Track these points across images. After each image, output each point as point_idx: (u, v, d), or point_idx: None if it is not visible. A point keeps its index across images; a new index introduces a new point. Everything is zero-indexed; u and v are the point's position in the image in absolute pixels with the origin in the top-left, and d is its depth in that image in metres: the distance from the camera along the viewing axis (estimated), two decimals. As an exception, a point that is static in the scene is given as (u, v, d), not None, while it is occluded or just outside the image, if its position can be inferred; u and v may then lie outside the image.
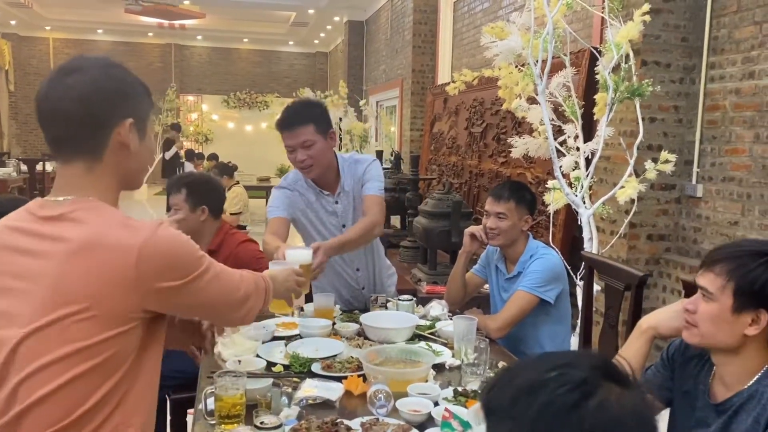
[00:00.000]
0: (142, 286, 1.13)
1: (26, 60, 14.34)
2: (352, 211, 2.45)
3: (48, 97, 1.18)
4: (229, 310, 1.32)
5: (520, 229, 2.41)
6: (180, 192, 2.47)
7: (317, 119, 2.27)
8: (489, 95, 5.55)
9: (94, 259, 1.11)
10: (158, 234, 1.16)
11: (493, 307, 2.60)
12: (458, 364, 1.87)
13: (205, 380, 1.70)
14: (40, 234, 1.15)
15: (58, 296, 1.11)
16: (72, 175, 1.20)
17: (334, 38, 13.98)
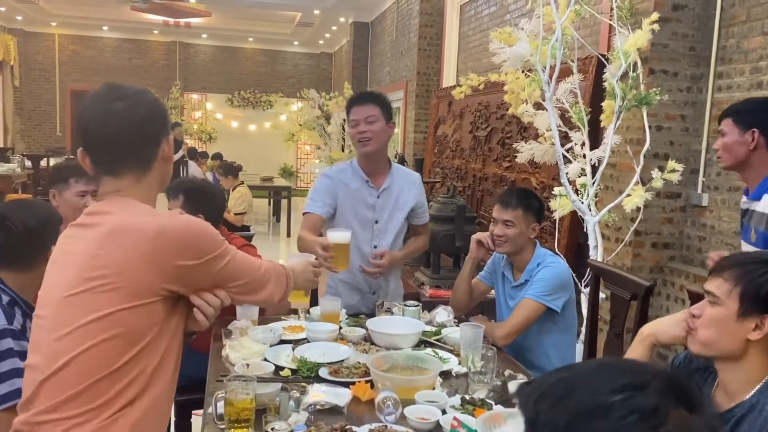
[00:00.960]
0: (160, 262, 1.28)
1: (31, 56, 14.35)
2: (388, 212, 2.58)
3: (106, 121, 1.33)
4: (251, 290, 1.46)
5: (527, 237, 2.41)
6: (177, 198, 2.46)
7: (383, 105, 2.54)
8: (494, 99, 5.56)
9: (120, 239, 1.28)
10: (178, 217, 1.35)
11: (499, 314, 2.60)
12: (465, 371, 1.87)
13: (214, 383, 1.71)
14: (83, 224, 1.37)
15: (87, 270, 1.27)
16: (123, 185, 1.38)
17: (339, 39, 13.98)
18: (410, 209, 2.64)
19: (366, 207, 2.56)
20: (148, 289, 1.28)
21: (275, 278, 1.53)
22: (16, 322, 1.69)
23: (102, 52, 14.70)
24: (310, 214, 2.53)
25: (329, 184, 2.56)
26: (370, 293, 2.61)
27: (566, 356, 2.45)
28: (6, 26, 13.69)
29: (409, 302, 2.34)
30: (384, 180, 2.59)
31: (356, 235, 2.55)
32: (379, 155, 2.56)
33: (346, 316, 2.37)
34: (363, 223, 2.56)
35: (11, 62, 13.47)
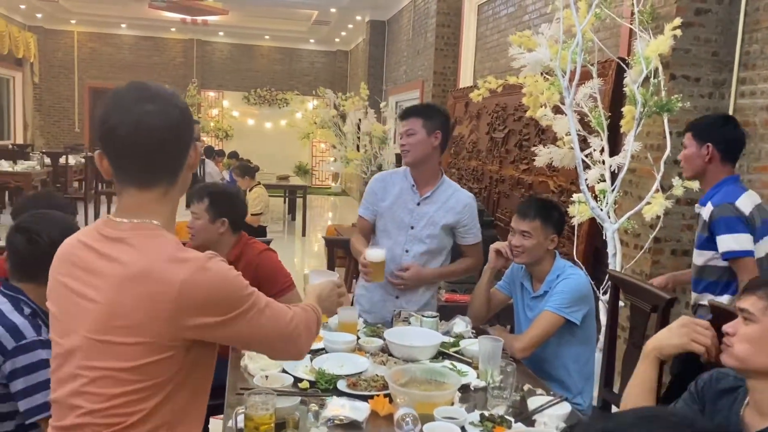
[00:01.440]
0: (181, 320, 1.18)
1: (51, 53, 14.50)
2: (425, 221, 2.59)
3: (139, 126, 1.19)
4: (279, 347, 1.35)
5: (545, 248, 2.39)
6: (202, 201, 2.50)
7: (427, 116, 2.58)
8: (512, 101, 5.53)
9: (142, 289, 1.18)
10: (203, 269, 1.19)
11: (517, 325, 2.58)
12: (484, 385, 1.86)
13: (234, 396, 1.72)
14: (102, 253, 1.23)
15: (111, 318, 1.19)
16: (149, 200, 1.26)
17: (355, 37, 13.98)
18: (450, 225, 2.62)
19: (405, 211, 2.61)
20: (171, 342, 1.20)
21: (306, 329, 1.39)
22: (44, 333, 1.71)
23: (120, 49, 14.81)
24: (361, 218, 2.73)
25: (376, 187, 2.69)
26: (393, 297, 2.62)
27: (585, 368, 2.42)
28: (26, 24, 13.83)
29: (426, 313, 2.33)
30: (429, 189, 2.62)
31: (390, 235, 2.61)
32: (423, 166, 2.60)
33: (363, 325, 2.38)
34: (399, 226, 2.61)
35: (31, 59, 13.62)
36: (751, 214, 2.40)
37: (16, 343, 1.67)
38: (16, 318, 1.72)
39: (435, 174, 2.65)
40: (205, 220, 2.51)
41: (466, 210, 2.65)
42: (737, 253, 2.36)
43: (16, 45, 12.64)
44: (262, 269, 2.52)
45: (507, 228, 5.22)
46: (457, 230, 2.66)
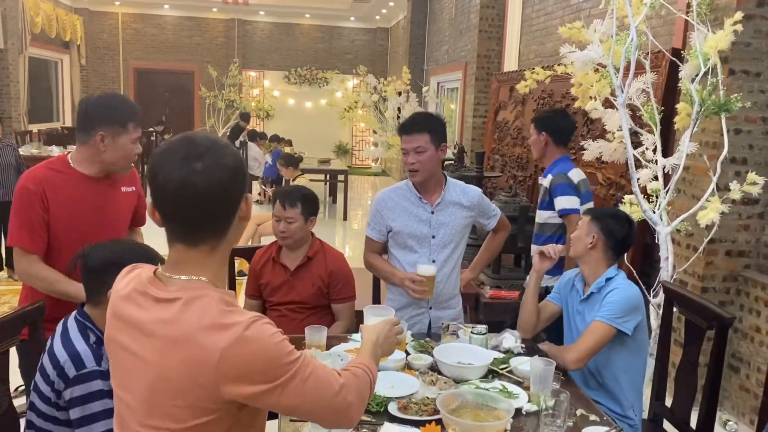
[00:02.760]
0: (222, 388, 1.16)
1: (96, 34, 14.74)
2: (444, 227, 2.60)
3: (183, 183, 1.18)
4: (326, 417, 1.29)
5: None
6: (296, 206, 2.71)
7: (434, 130, 2.54)
8: (559, 87, 5.39)
9: (185, 354, 1.16)
10: (244, 338, 1.15)
11: (567, 331, 2.55)
12: (535, 410, 1.85)
13: (287, 422, 1.74)
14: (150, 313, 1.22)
15: (159, 380, 1.19)
16: (196, 257, 1.24)
17: (396, 14, 13.81)
18: (469, 222, 2.68)
19: (420, 223, 2.60)
20: (215, 405, 1.18)
21: (357, 397, 1.31)
22: (104, 362, 1.75)
23: (163, 30, 14.96)
24: (369, 239, 2.72)
25: (379, 208, 2.67)
26: (427, 308, 2.66)
27: (636, 380, 2.38)
28: (72, 6, 14.07)
29: (475, 328, 2.32)
30: (437, 196, 2.60)
31: (413, 249, 2.62)
32: (432, 179, 2.59)
33: (411, 339, 2.37)
34: (420, 240, 2.61)
35: (78, 42, 13.89)
36: (578, 183, 3.26)
37: (77, 372, 1.72)
38: (80, 345, 1.76)
39: (440, 180, 2.63)
40: (300, 222, 2.72)
41: (477, 204, 2.67)
42: (568, 211, 3.15)
43: (64, 28, 12.89)
44: (341, 271, 2.76)
45: (552, 219, 5.14)
46: (479, 222, 2.73)
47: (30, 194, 2.12)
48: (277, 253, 2.82)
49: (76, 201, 2.20)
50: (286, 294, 2.74)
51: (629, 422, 2.34)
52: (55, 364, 1.74)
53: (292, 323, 2.65)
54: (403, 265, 2.62)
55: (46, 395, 1.76)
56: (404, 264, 2.61)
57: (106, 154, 2.16)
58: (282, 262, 2.78)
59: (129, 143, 2.18)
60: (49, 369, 1.76)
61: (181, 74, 15.04)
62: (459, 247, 2.67)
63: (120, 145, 2.16)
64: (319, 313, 2.74)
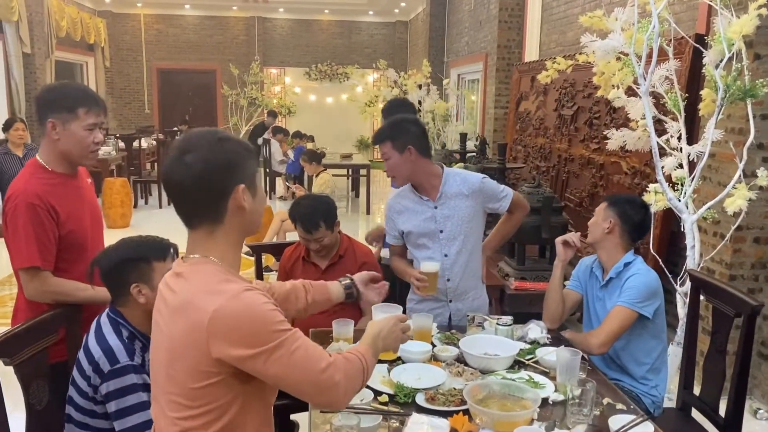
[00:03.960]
0: (214, 348, 1.26)
1: (120, 36, 14.94)
2: (451, 220, 2.60)
3: (171, 176, 1.34)
4: (311, 393, 1.34)
5: (602, 229, 2.46)
6: (319, 227, 2.78)
7: (395, 137, 2.55)
8: (581, 76, 5.35)
9: (185, 318, 1.29)
10: (236, 300, 1.26)
11: (587, 320, 2.57)
12: (562, 399, 1.86)
13: (317, 413, 1.78)
14: (170, 286, 1.38)
15: (169, 346, 1.33)
16: (198, 238, 1.39)
17: (415, 7, 13.77)
18: (477, 208, 2.63)
19: (426, 221, 2.61)
20: (214, 368, 1.27)
21: (345, 379, 1.36)
22: (137, 357, 1.81)
23: (185, 30, 15.11)
24: (391, 246, 2.82)
25: (390, 214, 2.74)
26: (446, 302, 2.67)
27: (657, 362, 2.42)
28: (96, 9, 14.28)
29: (501, 320, 2.33)
30: (437, 190, 2.61)
31: (426, 246, 2.63)
32: (417, 177, 2.60)
33: (437, 331, 2.40)
34: (429, 237, 2.62)
35: (102, 44, 14.09)
36: None
37: (111, 367, 1.78)
38: (113, 340, 1.83)
39: (434, 174, 2.62)
40: (328, 235, 2.82)
41: (479, 190, 2.62)
42: None
43: (88, 31, 13.10)
44: (369, 266, 2.78)
45: (576, 209, 5.13)
46: (489, 206, 2.68)
47: (38, 210, 2.04)
48: (307, 253, 2.86)
49: (73, 204, 2.16)
50: None
51: (653, 398, 2.38)
52: (91, 359, 1.80)
53: (322, 317, 2.69)
54: (420, 263, 2.62)
55: (83, 390, 1.83)
56: (422, 261, 2.60)
57: (60, 143, 2.10)
58: (313, 261, 2.84)
59: (81, 130, 2.10)
60: (85, 364, 1.82)
61: (204, 73, 15.19)
62: (471, 237, 2.64)
63: (71, 131, 2.09)
64: (348, 308, 2.78)
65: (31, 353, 1.91)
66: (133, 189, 8.82)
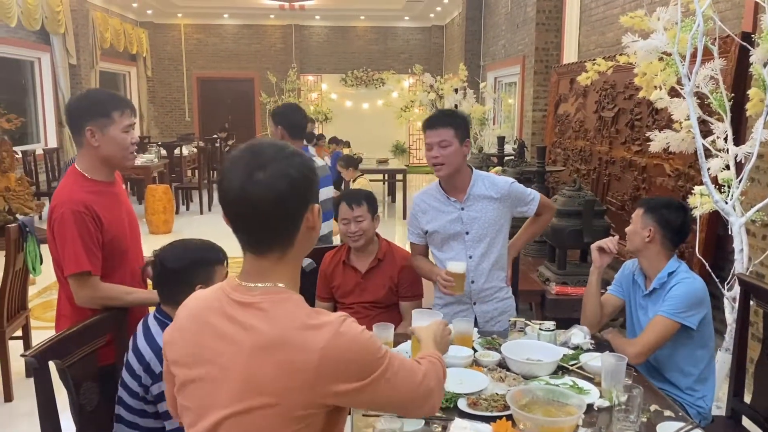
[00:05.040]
0: (321, 388, 1.15)
1: (161, 46, 15.29)
2: (478, 223, 2.60)
3: (244, 195, 1.17)
4: (413, 406, 1.31)
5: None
6: (362, 204, 2.80)
7: (458, 126, 2.54)
8: (621, 78, 5.27)
9: (280, 357, 1.15)
10: (340, 335, 1.16)
11: (629, 326, 2.52)
12: (607, 405, 1.83)
13: (360, 417, 1.78)
14: (236, 320, 1.20)
15: (248, 388, 1.16)
16: (267, 265, 1.23)
17: (450, 11, 13.75)
18: (504, 212, 2.64)
19: (452, 222, 2.62)
20: (310, 409, 1.17)
21: (437, 383, 1.36)
22: None
23: (224, 39, 15.38)
24: (413, 244, 2.80)
25: (414, 212, 2.73)
26: (470, 304, 2.67)
27: (703, 372, 2.34)
28: (138, 20, 14.66)
29: (544, 325, 2.31)
30: (465, 193, 2.61)
31: (451, 248, 2.64)
32: (457, 175, 2.60)
33: (478, 336, 2.38)
34: (454, 237, 2.63)
35: (144, 54, 14.46)
36: None
37: (162, 368, 1.81)
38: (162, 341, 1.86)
39: (466, 177, 2.63)
40: (368, 219, 2.83)
41: (508, 193, 2.62)
42: None
43: (130, 42, 13.45)
44: (409, 269, 2.81)
45: (618, 212, 5.04)
46: (517, 210, 2.69)
47: (84, 217, 2.07)
48: (347, 256, 2.88)
49: (113, 211, 2.20)
50: (358, 296, 2.81)
51: (699, 410, 2.30)
52: (141, 360, 1.85)
53: (363, 321, 2.70)
54: (443, 264, 2.62)
55: (133, 390, 1.87)
56: (444, 262, 2.60)
57: (100, 149, 2.14)
58: (352, 265, 2.85)
59: (119, 133, 2.14)
60: (136, 365, 1.86)
61: (242, 81, 15.44)
62: (497, 240, 2.64)
63: (110, 136, 2.13)
64: (390, 311, 2.80)
65: (81, 355, 1.96)
66: (174, 195, 9.01)
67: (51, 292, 5.72)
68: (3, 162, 7.24)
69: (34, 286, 5.07)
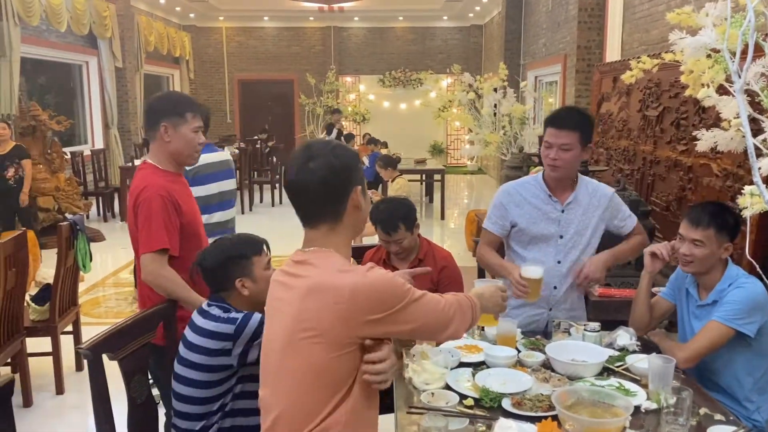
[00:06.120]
0: (354, 319, 1.43)
1: (203, 49, 15.57)
2: (574, 227, 2.51)
3: (297, 180, 1.52)
4: (435, 331, 1.57)
5: (718, 258, 2.23)
6: (398, 230, 2.76)
7: (584, 129, 2.42)
8: (666, 76, 5.15)
9: (319, 296, 1.45)
10: (367, 276, 1.45)
11: (681, 333, 2.45)
12: (655, 407, 1.80)
13: (404, 414, 1.79)
14: (291, 273, 1.55)
15: (298, 323, 1.47)
16: (319, 235, 1.55)
17: (490, 10, 13.66)
18: (602, 223, 2.55)
19: (548, 222, 2.51)
20: (347, 340, 1.45)
21: (459, 313, 1.60)
22: None
23: (264, 41, 15.58)
24: (487, 231, 2.63)
25: (504, 202, 2.58)
26: (546, 310, 2.58)
27: (761, 382, 2.24)
28: (181, 24, 14.96)
29: (589, 326, 2.28)
30: (569, 194, 2.51)
31: (538, 248, 2.53)
32: (568, 176, 2.51)
33: (521, 336, 2.37)
34: (546, 239, 2.52)
35: (186, 57, 14.74)
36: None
37: (235, 326, 1.93)
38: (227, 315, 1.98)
39: (574, 179, 2.54)
40: (408, 237, 2.79)
41: (609, 203, 2.55)
42: None
43: (174, 45, 13.74)
44: (450, 269, 2.79)
45: (663, 213, 4.94)
46: (613, 224, 2.58)
47: (166, 201, 2.27)
48: (387, 256, 2.89)
49: (186, 199, 2.40)
50: None
51: (755, 423, 2.21)
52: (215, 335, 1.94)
53: None
54: (522, 264, 2.50)
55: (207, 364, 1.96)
56: (524, 265, 2.48)
57: (171, 144, 2.36)
58: (393, 265, 2.85)
59: (189, 132, 2.37)
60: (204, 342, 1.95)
61: (282, 83, 15.61)
62: (588, 249, 2.55)
63: (182, 134, 2.36)
64: None
65: (132, 349, 2.02)
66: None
67: (99, 289, 5.89)
68: (53, 162, 7.49)
69: (82, 284, 5.22)
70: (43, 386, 3.82)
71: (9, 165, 6.47)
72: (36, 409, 3.62)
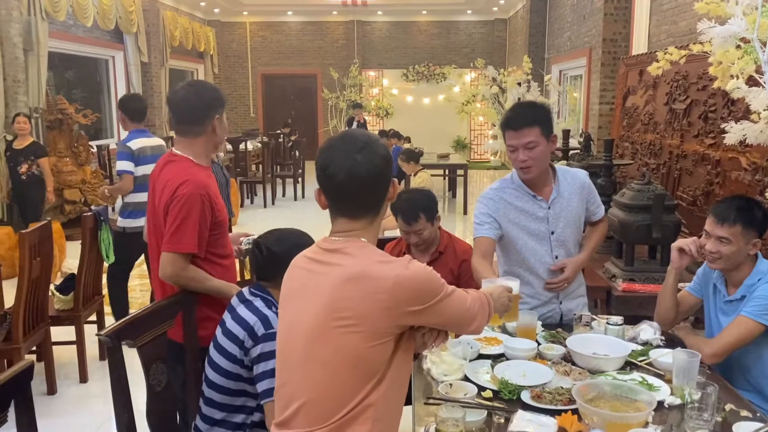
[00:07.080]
0: (395, 309, 1.42)
1: (227, 44, 15.67)
2: (563, 221, 2.49)
3: (352, 176, 1.46)
4: (462, 325, 1.61)
5: (745, 254, 2.17)
6: (419, 219, 2.77)
7: (543, 122, 2.35)
8: (694, 68, 5.05)
9: (361, 286, 1.42)
10: (409, 268, 1.45)
11: (708, 328, 2.39)
12: (679, 403, 1.76)
13: (422, 406, 1.78)
14: (322, 261, 1.51)
15: (334, 311, 1.44)
16: (357, 227, 1.52)
17: (514, 4, 13.53)
18: (583, 207, 2.56)
19: (537, 221, 2.47)
20: (386, 330, 1.44)
21: (481, 310, 1.63)
22: None
23: (288, 36, 15.62)
24: (481, 238, 2.45)
25: (491, 206, 2.48)
26: (558, 303, 2.57)
27: (794, 378, 2.19)
28: (206, 19, 15.06)
29: (611, 319, 2.24)
30: (551, 190, 2.47)
31: (535, 251, 2.49)
32: (543, 173, 2.45)
33: (542, 329, 2.33)
34: (539, 238, 2.48)
35: (211, 52, 14.84)
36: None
37: (265, 331, 1.95)
38: (267, 312, 2.02)
39: (550, 173, 2.49)
40: (428, 227, 2.81)
41: (587, 187, 2.54)
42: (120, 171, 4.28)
43: (198, 40, 13.83)
44: (469, 265, 2.69)
45: (689, 208, 4.85)
46: (590, 211, 2.59)
47: (204, 202, 2.22)
48: (408, 249, 2.87)
49: (217, 192, 2.37)
50: None
51: None
52: (245, 326, 1.98)
53: None
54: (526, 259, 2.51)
55: (231, 353, 2.00)
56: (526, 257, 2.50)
57: (218, 135, 2.33)
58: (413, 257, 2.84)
59: (225, 120, 2.38)
60: (237, 330, 2.00)
61: (305, 77, 15.65)
62: (578, 237, 2.56)
63: (224, 124, 2.37)
64: None
65: (151, 336, 2.03)
66: (239, 189, 9.22)
67: (123, 280, 5.95)
68: (80, 156, 7.59)
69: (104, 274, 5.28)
70: (68, 374, 3.89)
71: (24, 161, 6.40)
72: (60, 396, 3.67)
